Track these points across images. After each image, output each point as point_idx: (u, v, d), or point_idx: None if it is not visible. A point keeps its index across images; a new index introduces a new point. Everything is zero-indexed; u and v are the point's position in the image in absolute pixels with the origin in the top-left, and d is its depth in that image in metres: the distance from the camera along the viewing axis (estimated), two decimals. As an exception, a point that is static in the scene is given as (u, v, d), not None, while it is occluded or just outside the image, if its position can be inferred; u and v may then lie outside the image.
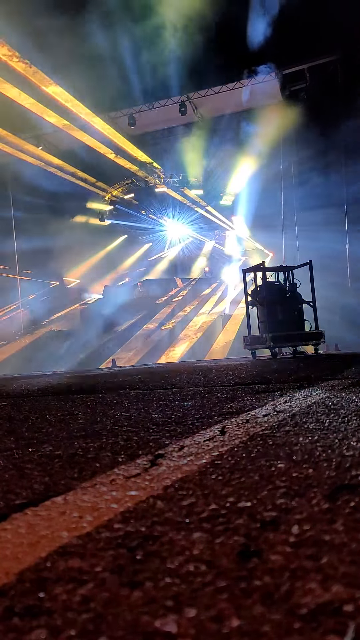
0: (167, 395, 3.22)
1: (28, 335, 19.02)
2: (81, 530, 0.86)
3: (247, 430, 1.69)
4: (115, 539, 0.82)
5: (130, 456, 1.41)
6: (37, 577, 0.70)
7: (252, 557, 0.71)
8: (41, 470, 1.32)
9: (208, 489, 1.05)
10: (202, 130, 18.06)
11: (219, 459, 1.31)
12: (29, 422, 2.33)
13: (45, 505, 1.01)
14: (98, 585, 0.67)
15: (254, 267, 10.82)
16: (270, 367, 5.89)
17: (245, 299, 10.67)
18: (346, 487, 0.99)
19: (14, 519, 0.94)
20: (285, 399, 2.48)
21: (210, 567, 0.69)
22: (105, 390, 4.03)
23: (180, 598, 0.62)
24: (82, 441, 1.71)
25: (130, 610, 0.60)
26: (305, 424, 1.74)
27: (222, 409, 2.27)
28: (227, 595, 0.62)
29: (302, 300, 10.10)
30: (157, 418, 2.15)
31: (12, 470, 1.34)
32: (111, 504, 0.99)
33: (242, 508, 0.92)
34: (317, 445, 1.38)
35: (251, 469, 1.18)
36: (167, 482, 1.12)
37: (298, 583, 0.63)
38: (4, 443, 1.78)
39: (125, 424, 2.03)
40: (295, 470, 1.13)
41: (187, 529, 0.84)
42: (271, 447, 1.40)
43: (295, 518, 0.85)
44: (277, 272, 10.65)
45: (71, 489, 1.11)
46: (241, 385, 3.53)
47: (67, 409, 2.77)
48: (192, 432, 1.72)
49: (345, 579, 0.63)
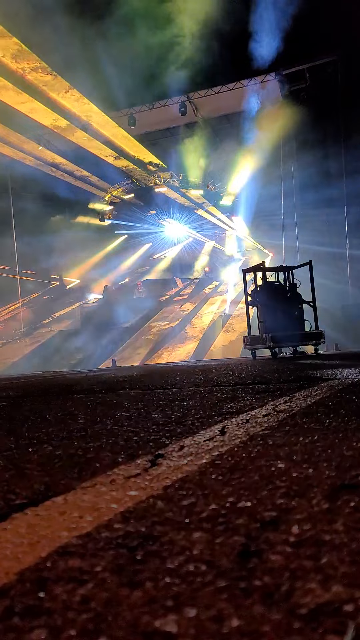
0: (167, 395, 3.22)
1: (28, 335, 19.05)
2: (81, 530, 0.86)
3: (247, 430, 1.69)
4: (115, 539, 0.82)
5: (130, 456, 1.41)
6: (37, 577, 0.70)
7: (252, 557, 0.71)
8: (41, 470, 1.32)
9: (208, 489, 1.05)
10: (202, 130, 18.06)
11: (219, 459, 1.31)
12: (29, 422, 2.33)
13: (45, 505, 1.01)
14: (98, 585, 0.67)
15: (254, 267, 10.81)
16: (270, 367, 5.89)
17: (245, 299, 10.67)
18: (346, 487, 0.99)
19: (14, 519, 0.94)
20: (285, 399, 2.47)
21: (210, 567, 0.69)
22: (105, 390, 4.03)
23: (180, 598, 0.62)
24: (82, 441, 1.71)
25: (130, 610, 0.60)
26: (305, 424, 1.74)
27: (222, 409, 2.27)
28: (227, 595, 0.62)
29: (302, 300, 10.11)
30: (157, 418, 2.15)
31: (12, 470, 1.34)
32: (111, 504, 0.99)
33: (242, 508, 0.92)
34: (317, 445, 1.38)
35: (251, 469, 1.18)
36: (167, 482, 1.12)
37: (298, 583, 0.63)
38: (4, 443, 1.78)
39: (125, 424, 2.03)
40: (295, 470, 1.13)
41: (187, 529, 0.84)
42: (271, 447, 1.40)
43: (295, 518, 0.85)
44: (277, 272, 10.65)
45: (71, 489, 1.11)
46: (241, 385, 3.53)
47: (67, 409, 2.77)
48: (192, 432, 1.72)
49: (345, 579, 0.63)
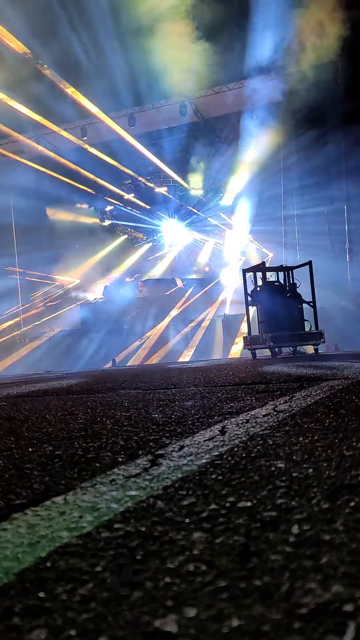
0: (167, 395, 3.22)
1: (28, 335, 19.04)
2: (81, 530, 0.86)
3: (247, 430, 1.69)
4: (115, 539, 0.82)
5: (130, 456, 1.41)
6: (37, 577, 0.70)
7: (252, 557, 0.71)
8: (41, 470, 1.32)
9: (208, 489, 1.05)
10: (202, 130, 18.06)
11: (219, 459, 1.31)
12: (29, 422, 2.33)
13: (45, 505, 1.01)
14: (98, 585, 0.67)
15: (254, 267, 10.82)
16: (270, 367, 5.89)
17: (245, 299, 10.67)
18: (346, 487, 0.99)
19: (14, 519, 0.94)
20: (285, 399, 2.47)
21: (210, 567, 0.69)
22: (105, 390, 4.03)
23: (180, 598, 0.62)
24: (82, 441, 1.71)
25: (130, 610, 0.60)
26: (305, 424, 1.74)
27: (222, 409, 2.27)
28: (227, 595, 0.62)
29: (302, 301, 10.11)
30: (157, 418, 2.15)
31: (12, 470, 1.34)
32: (111, 504, 0.99)
33: (242, 508, 0.92)
34: (317, 445, 1.38)
35: (251, 469, 1.18)
36: (167, 482, 1.12)
37: (298, 583, 0.63)
38: (4, 443, 1.78)
39: (125, 424, 2.03)
40: (295, 470, 1.13)
41: (187, 529, 0.84)
42: (271, 447, 1.40)
43: (295, 518, 0.85)
44: (277, 272, 10.65)
45: (71, 489, 1.11)
46: (241, 385, 3.53)
47: (67, 409, 2.77)
48: (192, 432, 1.72)
49: (345, 579, 0.63)
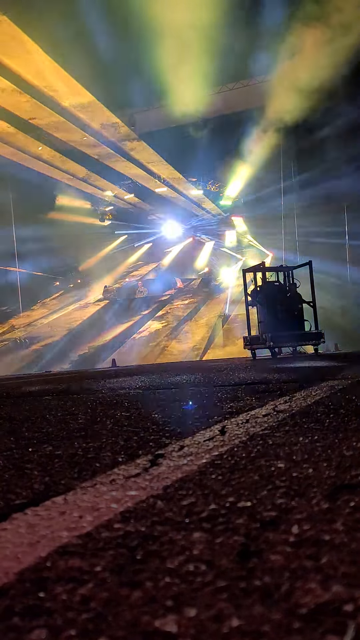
0: (167, 395, 3.22)
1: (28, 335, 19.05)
2: (81, 530, 0.86)
3: (247, 430, 1.69)
4: (115, 539, 0.82)
5: (130, 456, 1.41)
6: (37, 577, 0.70)
7: (252, 557, 0.71)
8: (41, 470, 1.32)
9: (208, 489, 1.05)
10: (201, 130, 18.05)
11: (219, 458, 1.31)
12: (29, 422, 2.33)
13: (45, 505, 1.01)
14: (98, 585, 0.67)
15: (253, 267, 10.82)
16: (270, 367, 5.89)
17: (245, 299, 10.67)
18: (346, 487, 0.99)
19: (14, 519, 0.94)
20: (285, 399, 2.47)
21: (210, 567, 0.69)
22: (106, 390, 4.03)
23: (180, 598, 0.62)
24: (82, 441, 1.71)
25: (130, 610, 0.60)
26: (305, 423, 1.74)
27: (222, 409, 2.27)
28: (227, 595, 0.62)
29: (302, 300, 10.11)
30: (157, 418, 2.15)
31: (12, 470, 1.34)
32: (111, 504, 0.99)
33: (242, 508, 0.92)
34: (317, 445, 1.38)
35: (251, 469, 1.18)
36: (167, 482, 1.12)
37: (298, 583, 0.63)
38: (4, 443, 1.78)
39: (125, 424, 2.03)
40: (295, 470, 1.13)
41: (187, 529, 0.84)
42: (271, 447, 1.40)
43: (295, 518, 0.85)
44: (277, 272, 10.65)
45: (71, 489, 1.11)
46: (241, 385, 3.53)
47: (67, 409, 2.77)
48: (192, 432, 1.72)
49: (345, 579, 0.63)
